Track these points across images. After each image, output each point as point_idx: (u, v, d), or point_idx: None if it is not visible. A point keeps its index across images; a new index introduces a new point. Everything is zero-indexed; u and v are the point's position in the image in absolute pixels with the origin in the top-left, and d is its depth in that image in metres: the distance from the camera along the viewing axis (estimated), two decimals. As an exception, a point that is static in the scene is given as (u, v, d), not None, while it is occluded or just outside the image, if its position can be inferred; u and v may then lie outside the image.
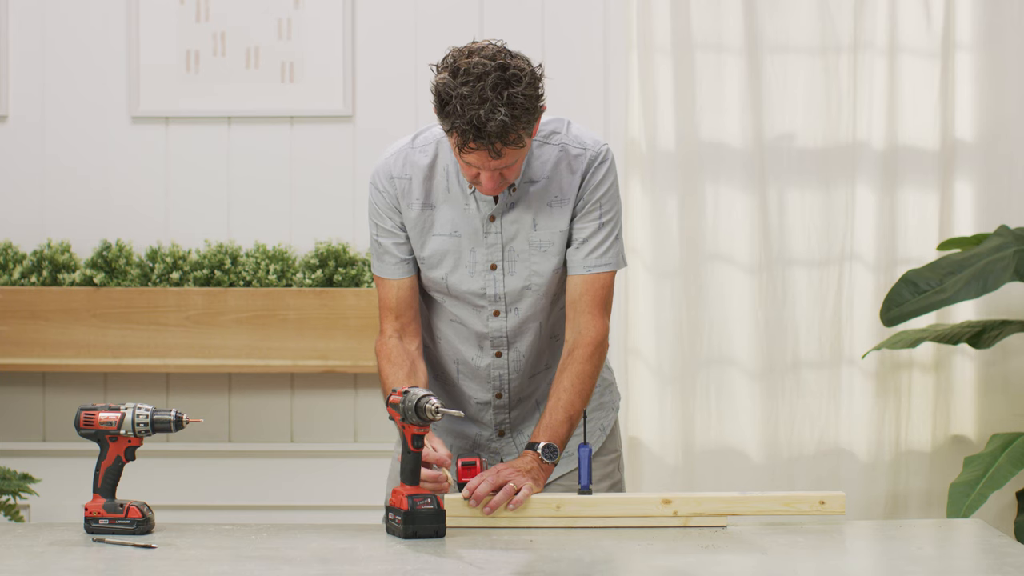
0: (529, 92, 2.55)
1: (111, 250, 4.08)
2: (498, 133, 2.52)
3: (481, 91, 2.51)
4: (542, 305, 2.79)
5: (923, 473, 4.22)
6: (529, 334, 2.80)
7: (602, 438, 2.91)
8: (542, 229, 2.75)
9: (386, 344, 2.81)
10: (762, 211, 4.19)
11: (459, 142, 2.56)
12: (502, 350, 2.81)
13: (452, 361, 2.86)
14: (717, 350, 4.21)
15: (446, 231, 2.76)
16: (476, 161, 2.59)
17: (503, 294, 2.77)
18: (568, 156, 2.74)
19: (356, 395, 4.18)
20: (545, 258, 2.76)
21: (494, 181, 2.63)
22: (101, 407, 2.56)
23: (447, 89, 2.54)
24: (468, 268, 2.76)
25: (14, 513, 3.87)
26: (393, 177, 2.78)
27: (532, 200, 2.74)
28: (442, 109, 2.56)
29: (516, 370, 2.83)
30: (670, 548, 2.46)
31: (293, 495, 4.14)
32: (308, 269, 4.08)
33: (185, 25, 4.16)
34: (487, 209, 2.74)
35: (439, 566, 2.33)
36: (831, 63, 4.19)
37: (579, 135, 2.76)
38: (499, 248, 2.76)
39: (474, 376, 2.84)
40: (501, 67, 2.53)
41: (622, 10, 4.15)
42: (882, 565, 2.47)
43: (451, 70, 2.55)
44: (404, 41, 4.17)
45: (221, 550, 2.43)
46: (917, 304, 3.89)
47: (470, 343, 2.82)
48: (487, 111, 2.51)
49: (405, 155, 2.79)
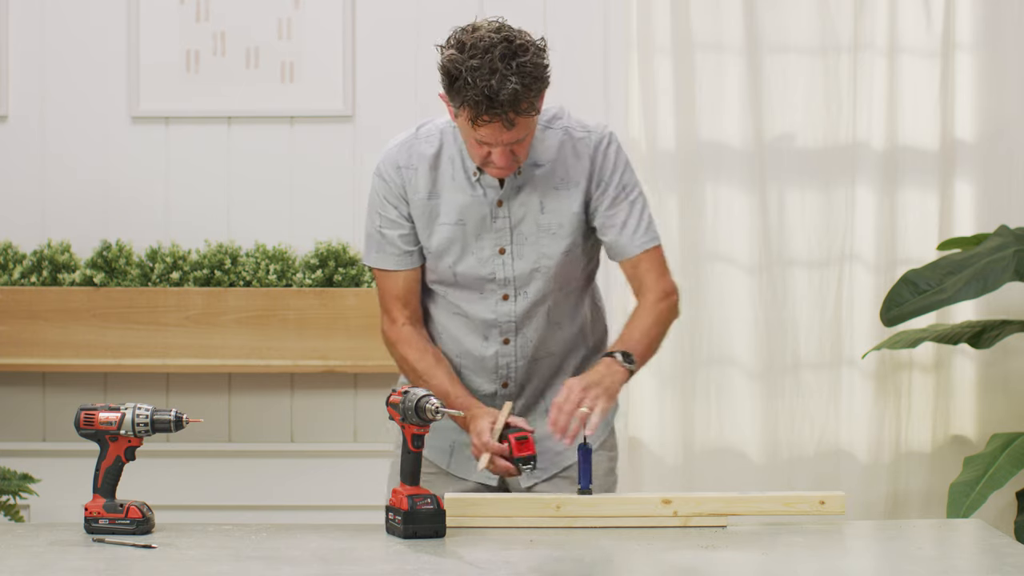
0: (536, 61, 2.59)
1: (111, 250, 4.08)
2: (510, 101, 2.55)
3: (490, 62, 2.55)
4: (550, 288, 2.80)
5: (923, 473, 4.22)
6: (537, 319, 2.82)
7: (604, 433, 2.92)
8: (550, 212, 2.77)
9: (401, 331, 2.83)
10: (762, 211, 4.19)
11: (472, 115, 2.58)
12: (510, 336, 2.82)
13: (455, 356, 2.86)
14: (717, 350, 4.21)
15: (451, 220, 2.78)
16: (489, 135, 2.60)
17: (512, 277, 2.79)
18: (572, 139, 2.77)
19: (356, 395, 4.18)
20: (554, 240, 2.77)
21: (506, 158, 2.64)
22: (101, 407, 2.56)
23: (455, 64, 2.56)
24: (476, 255, 2.78)
25: (14, 513, 3.87)
26: (400, 166, 2.80)
27: (538, 183, 2.76)
28: (451, 85, 2.58)
29: (523, 356, 2.84)
30: (670, 548, 2.46)
31: (293, 495, 4.14)
32: (308, 269, 4.08)
33: (185, 25, 4.16)
34: (494, 194, 2.76)
35: (439, 566, 2.33)
36: (831, 63, 4.19)
37: (581, 119, 2.81)
38: (507, 232, 2.77)
39: (479, 369, 2.85)
40: (506, 39, 2.58)
41: (622, 10, 4.15)
42: (882, 565, 2.47)
43: (457, 46, 2.58)
44: (404, 41, 4.17)
45: (221, 550, 2.43)
46: (917, 304, 3.89)
47: (475, 334, 2.83)
48: (498, 80, 2.54)
49: (410, 145, 2.81)
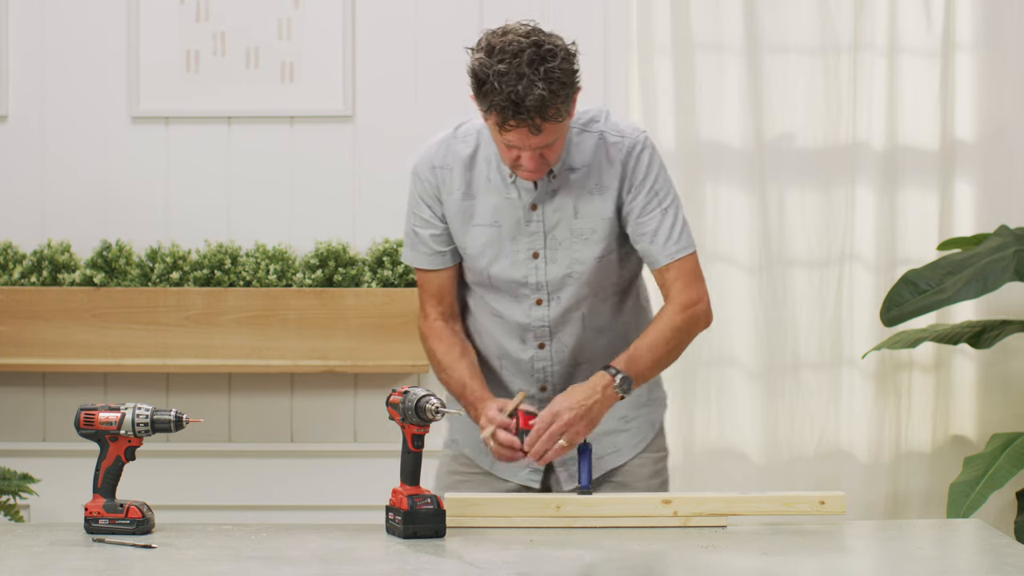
0: (565, 67, 2.57)
1: (111, 250, 4.08)
2: (537, 108, 2.54)
3: (518, 67, 2.53)
4: (584, 294, 2.79)
5: (923, 473, 4.22)
6: (572, 324, 2.80)
7: (650, 434, 2.90)
8: (583, 217, 2.75)
9: (432, 326, 2.84)
10: (762, 211, 4.19)
11: (498, 120, 2.57)
12: (545, 341, 2.81)
13: (496, 356, 2.86)
14: (717, 350, 4.20)
15: (487, 221, 2.77)
16: (516, 140, 2.60)
17: (545, 282, 2.78)
18: (606, 144, 2.75)
19: (356, 395, 4.18)
20: (587, 246, 2.76)
21: (535, 162, 2.63)
22: (101, 407, 2.56)
23: (483, 68, 2.55)
24: (510, 258, 2.77)
25: (14, 513, 3.87)
26: (435, 166, 2.80)
27: (572, 187, 2.74)
28: (479, 89, 2.57)
29: (559, 361, 2.82)
30: (670, 548, 2.46)
31: (293, 495, 4.14)
32: (308, 269, 4.08)
33: (185, 25, 4.16)
34: (528, 197, 2.75)
35: (439, 566, 2.33)
36: (831, 63, 4.19)
37: (617, 124, 2.77)
38: (541, 236, 2.76)
39: (518, 370, 2.85)
40: (536, 43, 2.55)
41: (622, 10, 4.15)
42: (882, 565, 2.47)
43: (486, 49, 2.57)
44: (404, 41, 4.17)
45: (221, 550, 2.43)
46: (917, 304, 3.89)
47: (512, 336, 2.83)
48: (525, 86, 2.52)
49: (447, 144, 2.80)
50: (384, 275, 4.03)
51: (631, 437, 2.88)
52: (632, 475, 2.87)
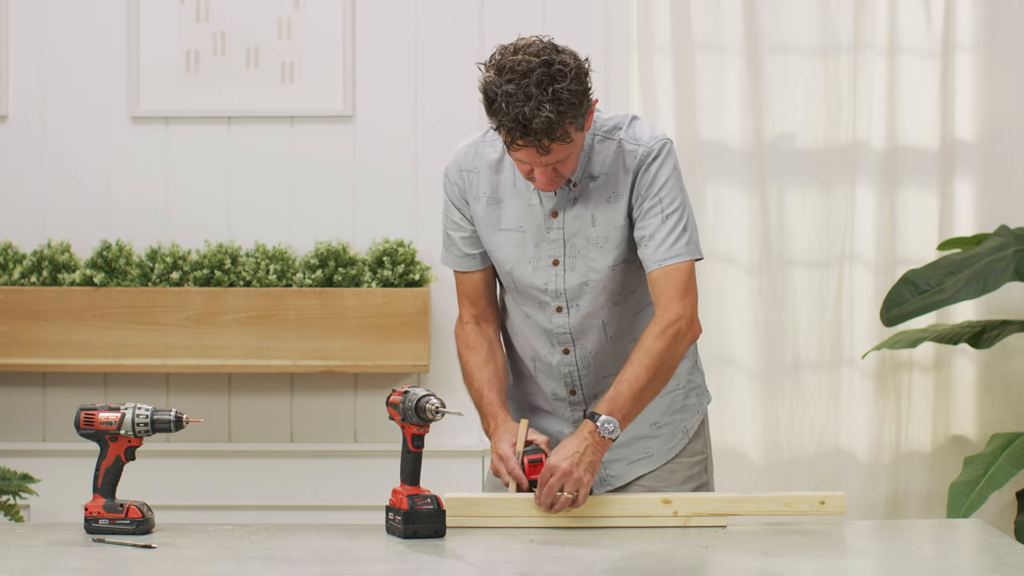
0: (574, 87, 2.54)
1: (111, 250, 4.08)
2: (544, 130, 2.52)
3: (526, 88, 2.51)
4: (602, 302, 2.78)
5: (923, 473, 4.22)
6: (593, 332, 2.80)
7: (684, 440, 2.88)
8: (600, 225, 2.74)
9: (464, 329, 2.86)
10: (762, 211, 4.19)
11: (507, 140, 2.57)
12: (568, 347, 2.81)
13: (529, 358, 2.87)
14: (717, 350, 4.20)
15: (512, 226, 2.77)
16: (525, 157, 2.60)
17: (564, 290, 2.78)
18: (623, 152, 2.73)
19: (356, 395, 4.18)
20: (601, 254, 2.75)
21: (547, 176, 2.63)
22: (101, 407, 2.56)
23: (493, 87, 2.54)
24: (532, 263, 2.77)
25: (14, 513, 3.87)
26: (463, 170, 2.81)
27: (592, 196, 2.73)
28: (489, 107, 2.56)
29: (585, 367, 2.82)
30: (670, 548, 2.46)
31: (293, 495, 4.14)
32: (308, 269, 4.08)
33: (185, 25, 4.16)
34: (549, 204, 2.75)
35: (439, 566, 2.33)
36: (831, 63, 4.19)
37: (637, 132, 2.74)
38: (561, 243, 2.76)
39: (548, 372, 2.85)
40: (546, 63, 2.53)
41: (622, 10, 4.15)
42: (882, 565, 2.47)
43: (496, 68, 2.55)
44: (404, 41, 4.17)
45: (221, 550, 2.43)
46: (917, 304, 3.89)
47: (542, 339, 2.83)
48: (532, 108, 2.51)
49: (476, 148, 2.81)
50: (384, 275, 4.03)
51: (663, 443, 2.87)
52: (664, 480, 2.86)
